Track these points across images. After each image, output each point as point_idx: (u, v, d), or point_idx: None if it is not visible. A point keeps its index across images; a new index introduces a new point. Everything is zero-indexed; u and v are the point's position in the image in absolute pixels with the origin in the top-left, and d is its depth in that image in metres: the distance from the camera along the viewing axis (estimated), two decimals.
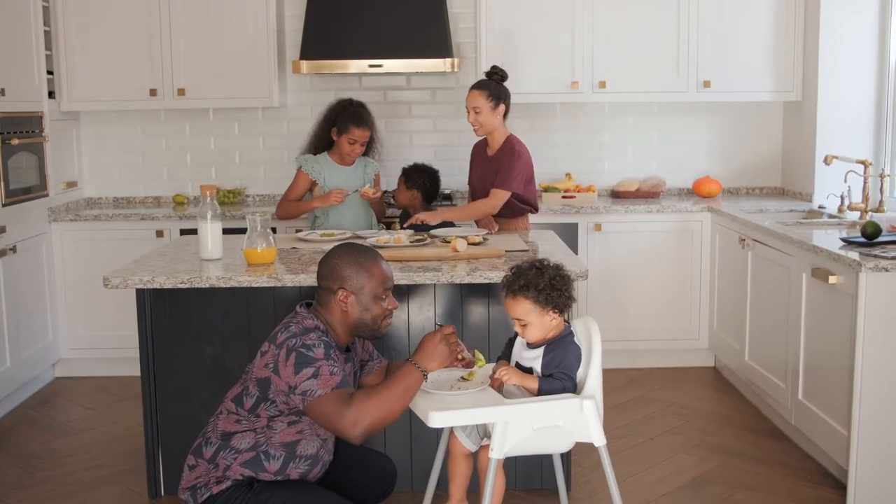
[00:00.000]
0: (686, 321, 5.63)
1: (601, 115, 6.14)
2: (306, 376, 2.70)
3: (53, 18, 5.61)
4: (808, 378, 4.20)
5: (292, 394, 2.73)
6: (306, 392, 2.70)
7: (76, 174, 6.00)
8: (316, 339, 2.77)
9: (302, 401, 2.71)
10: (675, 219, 5.56)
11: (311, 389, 2.70)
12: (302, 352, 2.73)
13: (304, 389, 2.70)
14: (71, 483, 4.13)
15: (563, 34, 5.69)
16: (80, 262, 5.53)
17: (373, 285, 2.89)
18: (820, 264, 3.98)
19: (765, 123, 6.11)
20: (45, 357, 5.45)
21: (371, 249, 2.99)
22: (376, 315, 2.91)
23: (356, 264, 2.89)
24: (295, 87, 6.06)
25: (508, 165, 4.58)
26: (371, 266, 2.90)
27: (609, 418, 4.84)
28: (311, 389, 2.70)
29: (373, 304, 2.89)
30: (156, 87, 5.70)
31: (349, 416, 2.66)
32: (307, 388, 2.70)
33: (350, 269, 2.89)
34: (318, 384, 2.70)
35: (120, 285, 3.55)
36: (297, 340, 2.75)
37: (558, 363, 2.85)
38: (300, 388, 2.71)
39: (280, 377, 2.74)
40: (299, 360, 2.72)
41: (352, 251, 2.95)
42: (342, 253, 2.94)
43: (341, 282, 2.88)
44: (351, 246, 3.00)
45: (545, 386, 2.82)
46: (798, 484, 4.03)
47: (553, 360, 2.86)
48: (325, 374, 2.71)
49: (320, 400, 2.69)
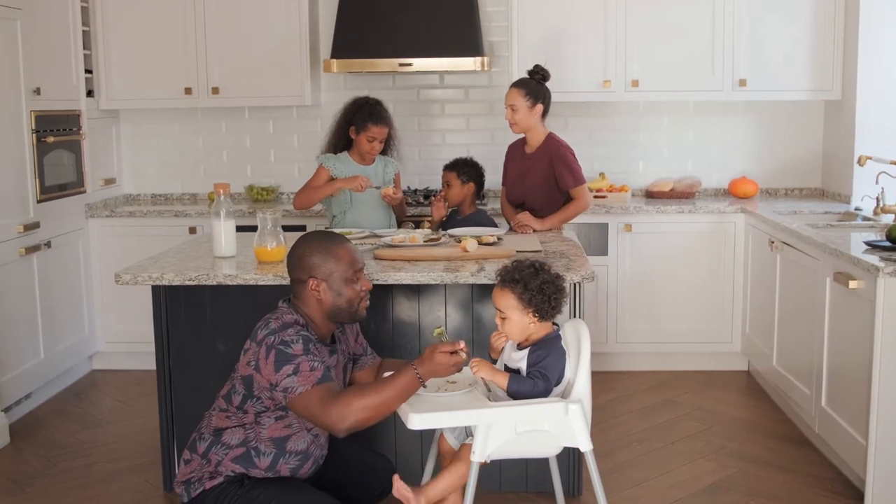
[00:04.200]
0: (719, 324, 5.53)
1: (636, 115, 6.06)
2: (286, 374, 2.72)
3: (92, 19, 5.73)
4: (830, 385, 4.09)
5: (274, 391, 2.75)
6: (287, 389, 2.72)
7: (115, 171, 6.12)
8: (294, 334, 2.78)
9: (284, 398, 2.74)
10: (708, 220, 5.47)
11: (291, 386, 2.72)
12: (281, 349, 2.75)
13: (285, 386, 2.73)
14: (91, 474, 4.22)
15: (595, 33, 5.62)
16: (115, 257, 5.62)
17: (341, 269, 2.89)
18: (841, 268, 3.88)
19: (805, 123, 5.97)
20: (80, 350, 5.57)
21: (335, 234, 3.02)
22: (351, 298, 2.91)
23: (322, 250, 2.90)
24: (329, 86, 6.10)
25: (567, 161, 4.60)
26: (337, 250, 2.91)
27: (631, 422, 4.80)
28: (292, 386, 2.72)
29: (345, 288, 2.90)
30: (191, 86, 5.79)
31: (335, 410, 2.68)
32: (288, 385, 2.72)
33: (316, 256, 2.90)
34: (299, 381, 2.72)
35: (130, 282, 3.62)
36: (276, 337, 2.77)
37: (538, 362, 2.83)
38: (281, 386, 2.73)
39: (262, 375, 2.77)
40: (279, 358, 2.74)
41: (315, 239, 2.97)
42: (306, 242, 2.96)
43: (310, 270, 2.89)
44: (314, 234, 3.03)
45: (514, 383, 2.80)
46: (817, 493, 3.93)
47: (535, 360, 2.85)
48: (305, 370, 2.72)
49: (302, 396, 2.71)
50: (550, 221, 4.60)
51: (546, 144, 4.66)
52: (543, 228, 4.57)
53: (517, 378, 2.83)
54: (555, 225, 4.61)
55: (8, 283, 4.76)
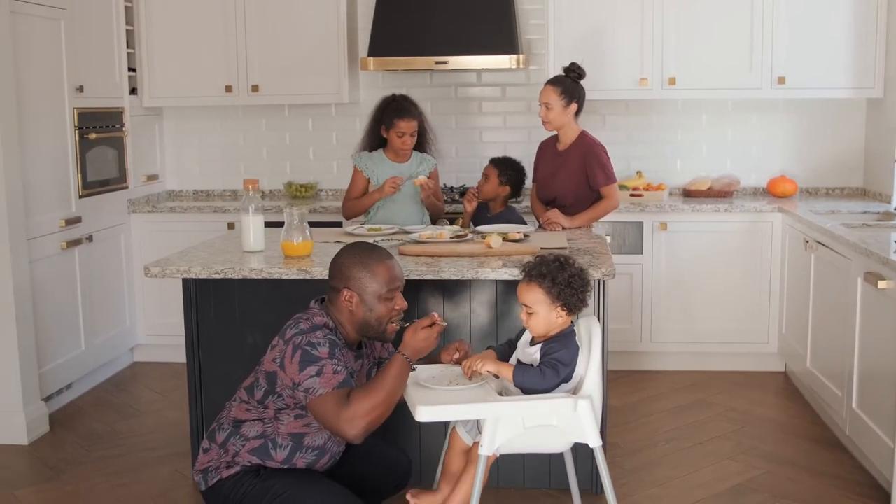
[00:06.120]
0: (755, 324, 5.47)
1: (674, 113, 6.02)
2: (309, 374, 2.76)
3: (136, 18, 5.86)
4: (861, 387, 4.03)
5: (296, 390, 2.80)
6: (309, 390, 2.76)
7: (158, 167, 6.25)
8: (322, 337, 2.82)
9: (305, 398, 2.78)
10: (745, 219, 5.41)
11: (313, 387, 2.76)
12: (307, 350, 2.79)
13: (307, 387, 2.77)
14: (123, 462, 4.32)
15: (632, 30, 5.60)
16: (156, 251, 5.70)
17: (376, 286, 2.91)
18: (872, 268, 3.82)
19: (846, 121, 5.87)
20: (121, 342, 5.70)
21: (380, 249, 3.01)
22: (381, 315, 2.93)
23: (360, 265, 2.92)
24: (367, 84, 6.15)
25: (600, 160, 4.61)
26: (375, 267, 2.93)
27: (661, 421, 4.77)
28: (314, 388, 2.75)
29: (377, 305, 2.92)
30: (231, 84, 5.89)
31: (346, 415, 2.71)
32: (310, 385, 2.76)
33: (354, 269, 2.92)
34: (321, 383, 2.75)
35: (158, 274, 3.70)
36: (304, 338, 2.81)
37: (550, 353, 2.84)
38: (303, 386, 2.77)
39: (286, 373, 2.82)
40: (304, 359, 2.78)
41: (358, 251, 2.98)
42: (349, 252, 2.98)
43: (346, 281, 2.92)
44: (359, 245, 3.04)
45: (520, 374, 2.81)
46: (845, 495, 3.87)
47: (547, 351, 2.85)
48: (329, 372, 2.76)
49: (321, 399, 2.75)
50: (580, 219, 4.59)
51: (579, 142, 4.66)
52: (573, 226, 4.57)
53: (522, 368, 2.84)
54: (584, 223, 4.60)
55: (50, 276, 4.89)
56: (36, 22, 4.77)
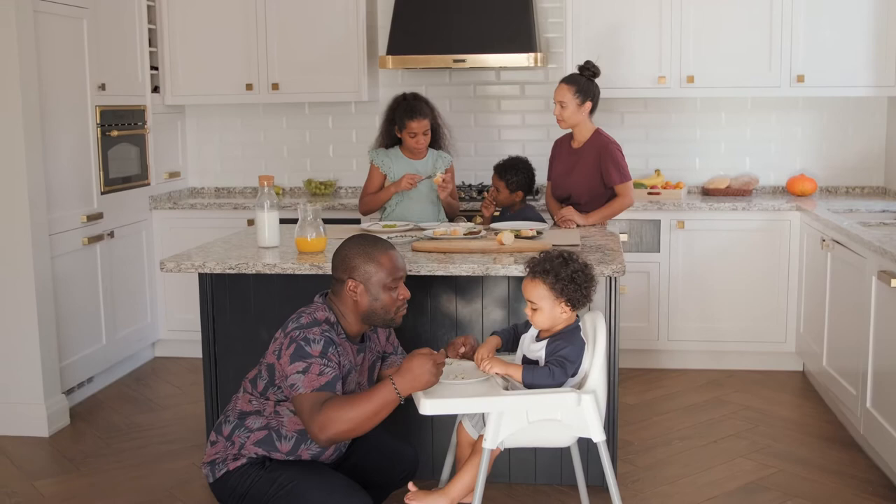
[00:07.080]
0: (772, 323, 5.45)
1: (693, 111, 6.01)
2: (296, 370, 2.80)
3: (158, 17, 5.93)
4: (875, 386, 4.02)
5: (284, 382, 2.84)
6: (293, 385, 2.81)
7: (180, 164, 6.32)
8: (319, 333, 2.85)
9: (289, 392, 2.83)
10: (762, 217, 5.39)
11: (296, 384, 2.79)
12: (301, 345, 2.82)
13: (291, 382, 2.81)
14: (141, 455, 4.39)
15: (650, 28, 5.60)
16: (177, 248, 5.75)
17: (381, 275, 2.95)
18: (886, 266, 3.80)
19: (867, 120, 5.84)
20: (142, 337, 5.78)
21: (382, 240, 3.05)
22: (386, 304, 2.97)
23: (364, 255, 2.97)
24: (386, 82, 6.19)
25: (615, 158, 4.61)
26: (379, 256, 2.97)
27: (675, 419, 4.77)
28: (296, 384, 2.79)
29: (382, 294, 2.96)
30: (251, 82, 5.95)
31: (318, 420, 2.73)
32: (294, 381, 2.80)
33: (358, 259, 2.96)
34: (304, 381, 2.78)
35: (174, 269, 3.75)
36: (301, 332, 2.85)
37: (556, 351, 2.85)
38: (289, 380, 2.82)
39: (280, 364, 2.86)
40: (296, 353, 2.82)
41: (362, 241, 3.02)
42: (351, 243, 3.02)
43: (350, 272, 2.96)
44: (361, 237, 3.07)
45: (529, 374, 2.83)
46: (857, 495, 3.86)
47: (554, 349, 2.87)
48: (314, 372, 2.79)
49: (300, 397, 2.79)
50: (594, 217, 4.60)
51: (593, 140, 4.67)
52: (587, 223, 4.58)
53: (531, 369, 2.86)
54: (598, 220, 4.61)
55: (72, 271, 4.96)
56: (59, 21, 4.85)
